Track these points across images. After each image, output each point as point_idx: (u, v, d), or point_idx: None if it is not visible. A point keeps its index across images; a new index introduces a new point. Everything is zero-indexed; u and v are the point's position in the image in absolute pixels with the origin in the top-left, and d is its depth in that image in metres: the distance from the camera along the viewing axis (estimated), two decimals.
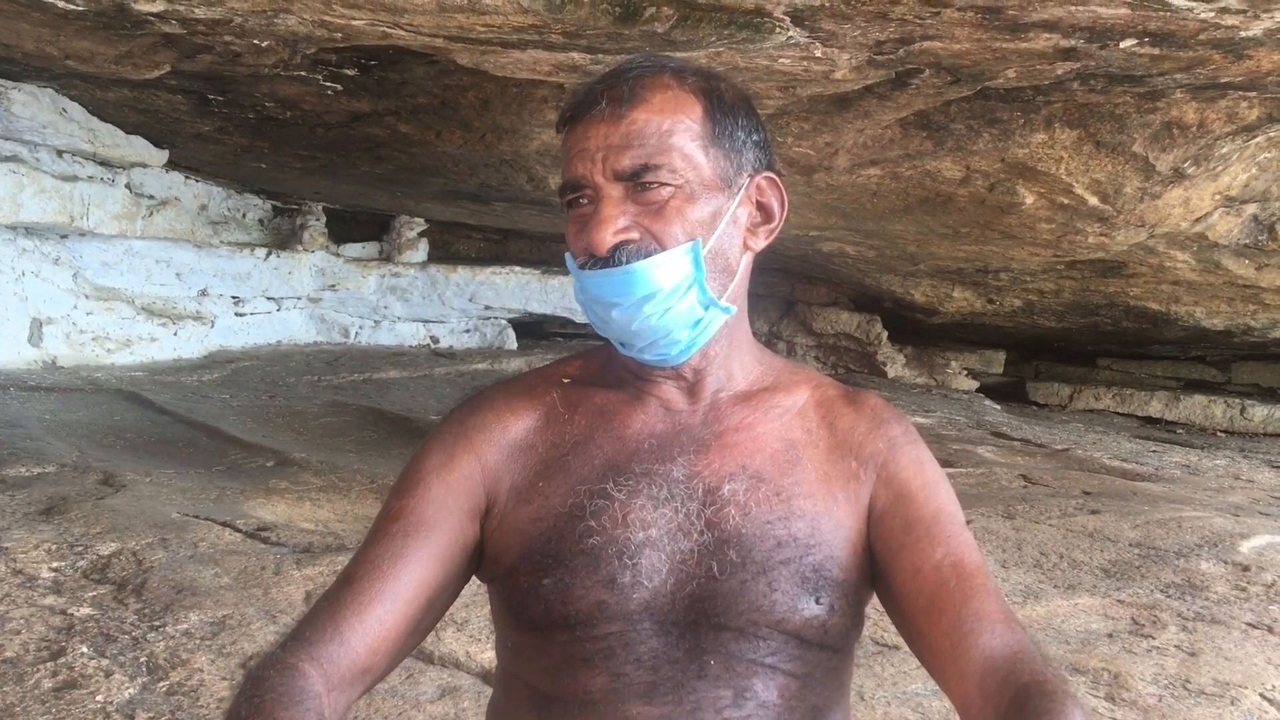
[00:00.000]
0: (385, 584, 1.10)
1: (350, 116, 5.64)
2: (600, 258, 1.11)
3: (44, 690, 2.33)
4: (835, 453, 1.22)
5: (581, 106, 1.14)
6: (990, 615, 1.09)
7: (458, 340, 9.70)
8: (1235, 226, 6.50)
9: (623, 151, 1.10)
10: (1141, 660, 3.00)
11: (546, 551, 1.14)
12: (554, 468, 1.20)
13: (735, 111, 1.17)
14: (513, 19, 3.66)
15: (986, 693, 1.03)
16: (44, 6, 3.87)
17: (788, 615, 1.12)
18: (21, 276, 6.45)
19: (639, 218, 1.11)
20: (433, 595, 1.15)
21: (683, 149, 1.12)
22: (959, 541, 1.16)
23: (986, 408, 9.25)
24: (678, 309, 1.13)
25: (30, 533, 3.31)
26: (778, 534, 1.14)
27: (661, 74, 1.15)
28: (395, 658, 1.13)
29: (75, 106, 6.12)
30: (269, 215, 9.04)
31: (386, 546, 1.13)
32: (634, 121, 1.11)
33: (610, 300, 1.12)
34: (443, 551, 1.14)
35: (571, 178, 1.14)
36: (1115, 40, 3.83)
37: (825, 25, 3.71)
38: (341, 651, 1.06)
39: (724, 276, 1.16)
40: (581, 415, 1.23)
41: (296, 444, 5.30)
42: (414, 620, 1.13)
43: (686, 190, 1.12)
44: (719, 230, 1.14)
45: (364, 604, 1.09)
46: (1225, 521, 4.69)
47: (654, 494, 1.16)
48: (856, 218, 6.97)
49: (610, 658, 1.11)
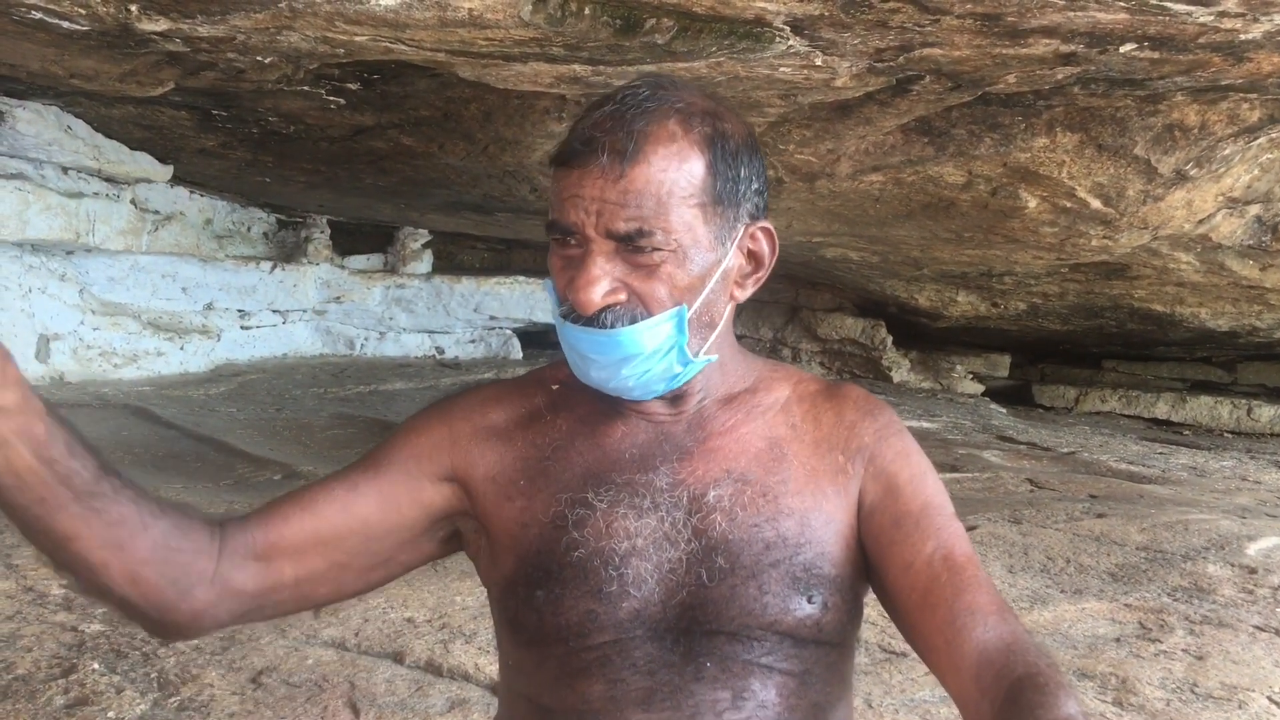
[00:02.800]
0: (311, 497, 1.19)
1: (353, 130, 5.67)
2: (585, 315, 1.11)
3: (56, 707, 2.35)
4: (821, 446, 1.22)
5: (580, 155, 1.10)
6: (983, 608, 1.09)
7: (463, 351, 9.72)
8: (1239, 227, 6.50)
9: (619, 210, 1.07)
10: (1149, 664, 3.00)
11: (538, 564, 1.15)
12: (534, 469, 1.20)
13: (738, 162, 1.15)
14: (514, 33, 3.68)
15: (982, 687, 1.04)
16: (48, 27, 3.89)
17: (780, 617, 1.13)
18: (28, 293, 6.47)
19: (627, 277, 1.10)
20: (369, 532, 1.19)
21: (680, 212, 1.09)
22: (949, 534, 1.16)
23: (992, 411, 9.25)
24: (656, 370, 1.13)
25: None
26: (766, 536, 1.14)
27: (666, 121, 1.10)
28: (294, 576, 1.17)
29: (80, 124, 6.15)
30: (274, 229, 9.07)
31: (336, 478, 1.21)
32: (633, 180, 1.07)
33: (591, 356, 1.13)
34: (389, 499, 1.19)
35: (563, 223, 1.11)
36: (1115, 45, 3.84)
37: (825, 34, 3.73)
38: (238, 529, 1.15)
39: (706, 330, 1.16)
40: (565, 420, 1.24)
41: (304, 457, 5.31)
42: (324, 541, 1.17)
43: (679, 254, 1.10)
44: (706, 290, 1.14)
45: (281, 504, 1.18)
46: (1232, 524, 4.69)
47: (636, 503, 1.16)
48: (859, 223, 6.98)
49: (606, 665, 1.12)
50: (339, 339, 9.09)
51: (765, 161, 1.23)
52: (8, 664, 2.53)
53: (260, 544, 1.15)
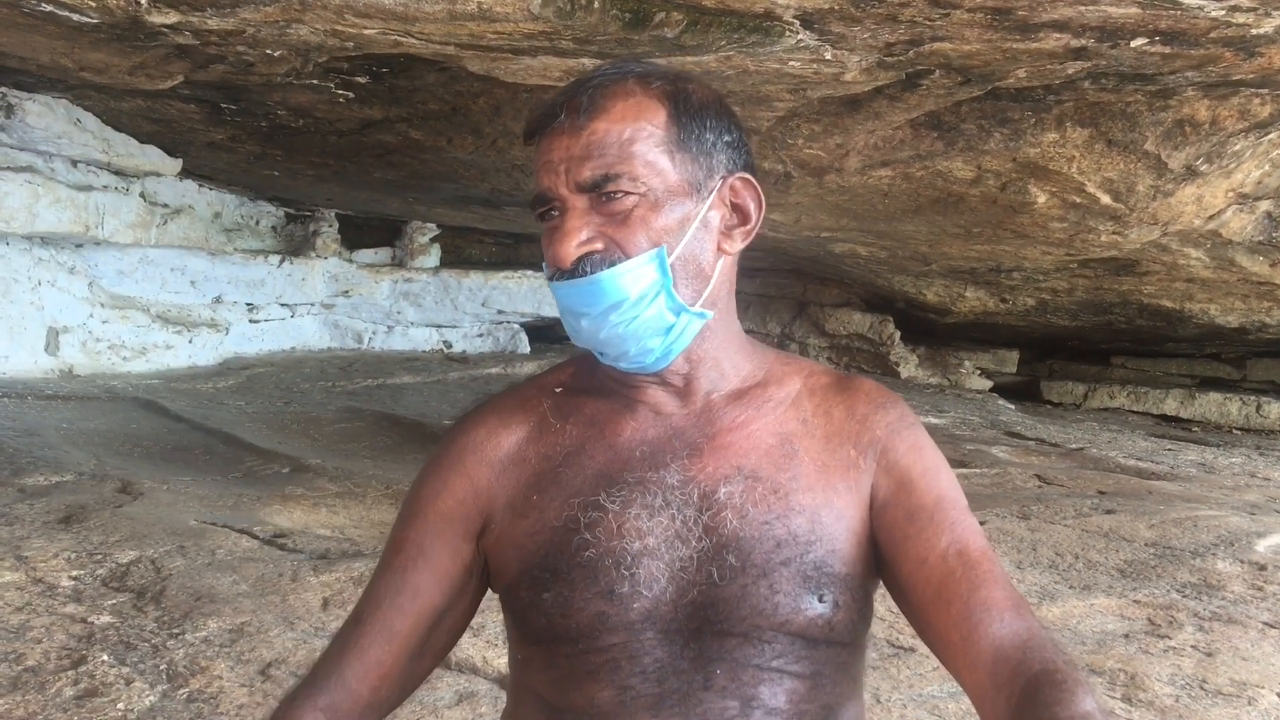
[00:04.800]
0: (385, 622, 1.18)
1: (362, 123, 5.67)
2: (566, 270, 1.11)
3: (65, 698, 2.35)
4: (833, 441, 1.20)
5: (543, 120, 1.14)
6: (998, 603, 1.09)
7: (471, 345, 9.73)
8: (1249, 223, 6.47)
9: (583, 163, 1.10)
10: (1158, 661, 2.99)
11: (544, 566, 1.14)
12: (546, 479, 1.20)
13: (704, 114, 1.16)
14: (523, 26, 3.67)
15: (999, 682, 1.03)
16: (59, 20, 3.90)
17: (791, 617, 1.12)
18: (38, 286, 6.50)
19: (603, 228, 1.11)
20: (435, 620, 1.21)
21: (645, 156, 1.11)
22: (963, 528, 1.15)
23: (1000, 407, 9.23)
24: (645, 316, 1.12)
25: (49, 541, 3.33)
26: (776, 534, 1.13)
27: (624, 81, 1.14)
28: (404, 688, 1.21)
29: (89, 117, 6.16)
30: (282, 222, 9.09)
31: (388, 582, 1.21)
32: (594, 132, 1.10)
33: (579, 310, 1.13)
34: (443, 577, 1.20)
35: (539, 191, 1.14)
36: (1126, 39, 3.83)
37: (835, 28, 3.72)
38: (344, 695, 1.15)
39: (697, 282, 1.15)
40: (573, 425, 1.23)
41: (312, 450, 5.32)
42: (416, 650, 1.19)
43: (651, 198, 1.11)
44: (687, 236, 1.13)
45: (365, 646, 1.18)
46: (1241, 520, 4.68)
47: (648, 502, 1.15)
48: (868, 219, 6.96)
49: (616, 670, 1.11)
50: (347, 333, 9.11)
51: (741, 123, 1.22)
52: (18, 655, 2.54)
53: (366, 698, 1.17)
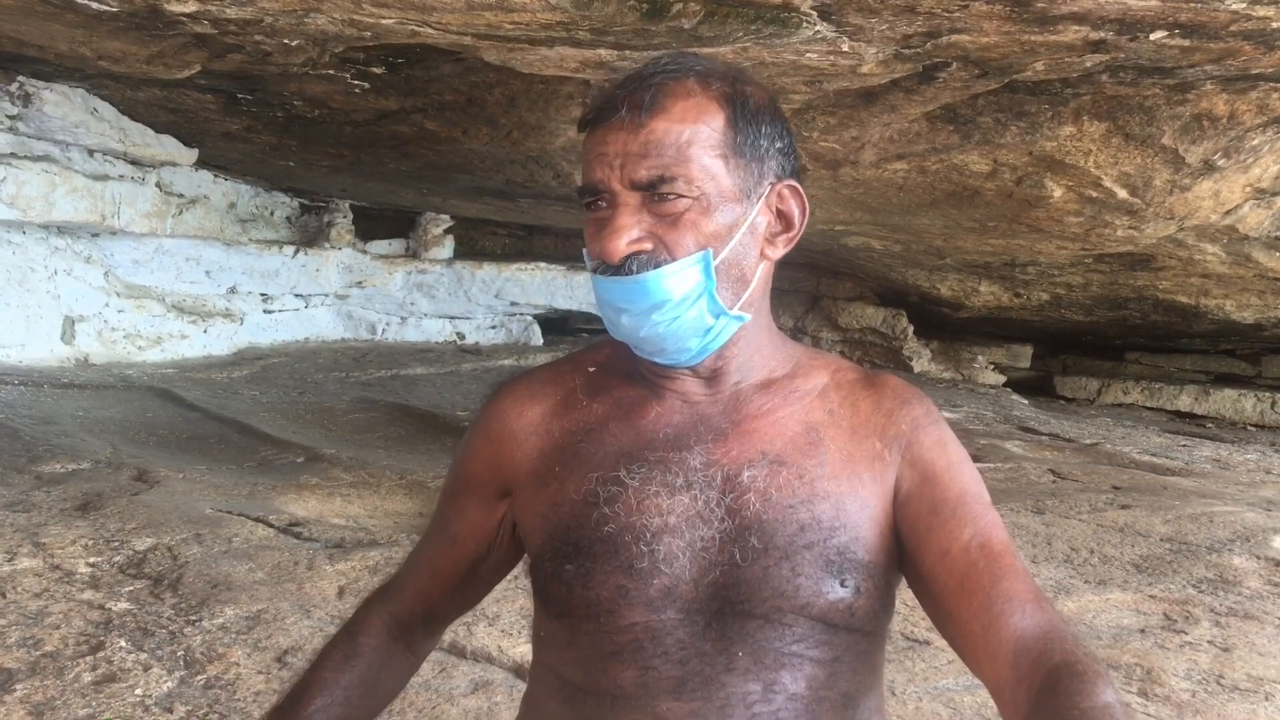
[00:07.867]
0: (431, 560, 1.36)
1: (378, 114, 5.68)
2: (612, 265, 1.12)
3: (84, 684, 2.37)
4: (859, 433, 1.21)
5: (602, 111, 1.13)
6: (1020, 595, 1.09)
7: (484, 336, 9.74)
8: (1266, 219, 6.44)
9: (640, 161, 1.10)
10: (1174, 656, 2.99)
11: (567, 539, 1.16)
12: (568, 453, 1.22)
13: (760, 119, 1.16)
14: (540, 16, 3.67)
15: (1019, 674, 1.03)
16: (77, 8, 3.91)
17: (812, 599, 1.12)
18: (54, 275, 6.52)
19: (654, 228, 1.11)
20: (472, 564, 1.35)
21: (701, 160, 1.11)
22: (986, 521, 1.15)
23: (1014, 402, 9.21)
24: (686, 317, 1.13)
25: (67, 528, 3.35)
26: (800, 518, 1.14)
27: (685, 79, 1.14)
28: (457, 609, 1.41)
29: (106, 106, 6.18)
30: (297, 213, 9.11)
31: (435, 528, 1.37)
32: (653, 131, 1.10)
33: (621, 306, 1.13)
34: (476, 530, 1.32)
35: (590, 182, 1.13)
36: (1145, 32, 3.81)
37: (852, 19, 3.70)
38: (404, 607, 1.35)
39: (738, 286, 1.16)
40: (600, 403, 1.24)
41: (326, 440, 5.34)
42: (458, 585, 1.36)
43: (703, 202, 1.11)
44: (734, 241, 1.14)
45: (418, 574, 1.36)
46: (1257, 516, 4.66)
47: (668, 481, 1.16)
48: (882, 212, 6.95)
49: (638, 651, 1.12)
50: (360, 323, 9.13)
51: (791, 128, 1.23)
52: (36, 641, 2.55)
53: (423, 613, 1.36)
